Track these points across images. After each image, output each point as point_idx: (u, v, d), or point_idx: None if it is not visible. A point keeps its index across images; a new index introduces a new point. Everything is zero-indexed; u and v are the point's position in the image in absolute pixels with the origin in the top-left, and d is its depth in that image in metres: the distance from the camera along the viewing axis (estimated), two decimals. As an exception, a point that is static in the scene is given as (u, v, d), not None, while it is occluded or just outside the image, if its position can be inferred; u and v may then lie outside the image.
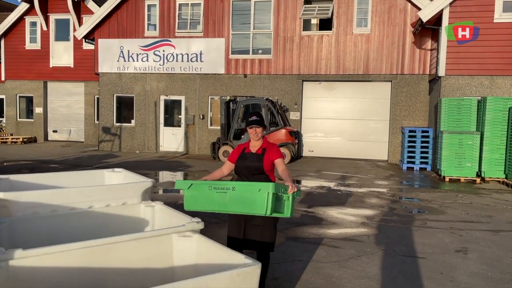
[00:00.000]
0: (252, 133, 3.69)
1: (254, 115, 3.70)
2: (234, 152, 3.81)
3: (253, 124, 3.66)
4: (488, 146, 10.42)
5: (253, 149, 3.71)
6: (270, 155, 3.66)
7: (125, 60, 15.77)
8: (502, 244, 5.40)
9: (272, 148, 3.71)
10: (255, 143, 3.74)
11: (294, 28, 14.43)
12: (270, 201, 3.11)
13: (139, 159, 13.53)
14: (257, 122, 3.66)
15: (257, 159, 3.64)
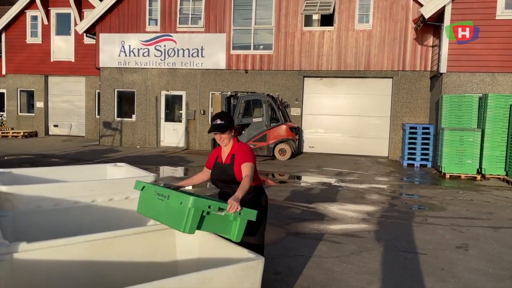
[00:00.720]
0: (217, 139, 3.28)
1: (217, 118, 3.24)
2: (210, 158, 3.49)
3: (213, 130, 3.22)
4: (489, 143, 10.43)
5: (223, 158, 3.36)
6: (239, 161, 3.24)
7: (126, 55, 15.74)
8: (503, 241, 5.42)
9: (240, 152, 3.27)
10: (225, 149, 3.36)
11: (296, 24, 14.40)
12: (190, 218, 2.65)
13: (140, 154, 13.54)
14: (219, 129, 3.20)
15: (227, 169, 3.28)
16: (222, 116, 3.26)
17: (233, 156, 3.27)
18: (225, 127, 3.21)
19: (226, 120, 3.23)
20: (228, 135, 3.24)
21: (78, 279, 3.11)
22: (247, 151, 3.28)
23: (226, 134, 3.23)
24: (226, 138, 3.24)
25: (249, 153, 3.27)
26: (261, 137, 13.22)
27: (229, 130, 3.23)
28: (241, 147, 3.32)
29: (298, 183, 9.55)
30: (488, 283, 4.06)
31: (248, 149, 3.31)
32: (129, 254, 3.37)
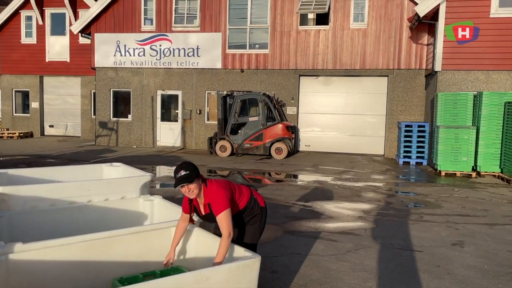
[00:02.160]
0: (185, 192, 3.02)
1: (181, 169, 2.96)
2: (185, 203, 3.26)
3: (180, 183, 2.95)
4: (483, 141, 10.48)
5: (202, 209, 3.23)
6: (215, 212, 3.06)
7: (121, 54, 15.70)
8: (498, 238, 5.46)
9: (212, 201, 3.06)
10: (198, 200, 3.19)
11: (291, 23, 14.41)
12: None
13: (136, 154, 13.51)
14: (186, 180, 2.94)
15: (212, 217, 3.11)
16: (185, 166, 2.99)
17: (209, 206, 3.10)
18: (192, 176, 2.96)
19: (190, 169, 2.98)
20: (197, 183, 3.01)
21: (75, 279, 3.11)
22: (217, 197, 3.03)
23: (195, 183, 2.99)
24: (195, 188, 3.00)
25: (220, 199, 3.02)
26: (257, 136, 13.23)
27: (196, 179, 2.99)
28: (211, 192, 3.08)
29: (294, 181, 9.57)
30: (484, 280, 4.09)
31: (217, 194, 3.04)
32: (125, 253, 3.37)
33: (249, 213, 3.38)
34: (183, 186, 2.97)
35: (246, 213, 3.37)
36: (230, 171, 10.75)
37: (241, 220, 3.38)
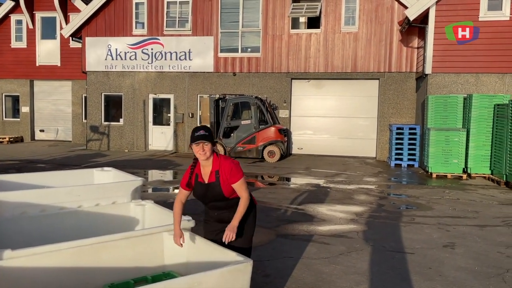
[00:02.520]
0: (199, 151, 3.05)
1: (201, 129, 3.08)
2: (185, 177, 3.25)
3: (199, 139, 3.01)
4: (474, 143, 10.58)
5: (205, 177, 3.18)
6: (226, 178, 3.12)
7: (113, 58, 15.64)
8: (488, 239, 5.51)
9: (226, 168, 3.12)
10: (206, 166, 3.16)
11: (283, 27, 14.46)
12: None
13: (128, 158, 13.44)
14: (205, 137, 3.03)
15: (213, 188, 3.15)
16: (205, 127, 3.13)
17: (217, 173, 3.13)
18: (210, 137, 3.07)
19: (210, 132, 3.11)
20: (211, 146, 3.09)
21: (65, 286, 3.07)
22: (234, 167, 3.13)
23: (211, 145, 3.07)
24: (209, 149, 3.06)
25: (237, 168, 3.14)
26: (250, 139, 13.23)
27: (212, 142, 3.08)
28: (225, 162, 3.15)
29: (287, 184, 9.58)
30: (475, 281, 4.11)
31: (233, 164, 3.16)
32: (116, 259, 3.34)
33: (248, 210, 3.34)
34: (199, 143, 3.03)
35: None
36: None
37: None
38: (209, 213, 3.38)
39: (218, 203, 3.24)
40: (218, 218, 3.33)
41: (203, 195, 3.22)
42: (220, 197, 3.17)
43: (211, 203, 3.26)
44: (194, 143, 3.05)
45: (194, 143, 3.05)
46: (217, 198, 3.18)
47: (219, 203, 3.24)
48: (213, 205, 3.28)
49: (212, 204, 3.28)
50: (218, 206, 3.27)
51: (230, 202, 3.24)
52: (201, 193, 3.22)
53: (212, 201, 3.23)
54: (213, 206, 3.29)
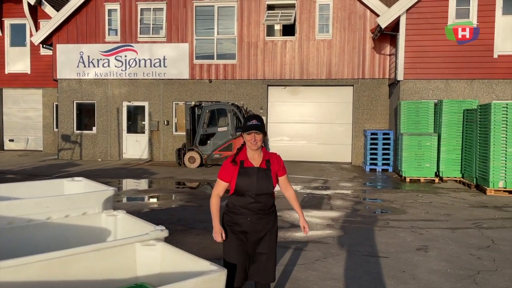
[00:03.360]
0: (251, 140, 3.01)
1: (254, 119, 3.03)
2: (228, 168, 3.08)
3: (252, 129, 2.98)
4: (445, 147, 10.86)
5: (255, 162, 3.08)
6: (276, 169, 3.13)
7: (85, 65, 15.35)
8: (460, 241, 5.63)
9: (275, 160, 3.15)
10: (255, 154, 3.08)
11: (258, 34, 14.54)
12: None
13: (101, 167, 13.16)
14: (257, 128, 2.99)
15: (264, 175, 3.04)
16: (258, 117, 3.06)
17: (268, 162, 3.09)
18: (263, 128, 3.02)
19: (262, 123, 3.05)
20: (263, 137, 3.04)
21: (32, 301, 2.95)
22: (282, 161, 3.20)
23: (262, 135, 3.02)
24: (260, 140, 3.02)
25: (283, 164, 3.21)
26: (226, 146, 13.18)
27: (263, 133, 3.03)
28: (273, 154, 3.19)
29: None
30: (447, 283, 4.18)
31: (281, 159, 3.22)
32: (87, 272, 3.24)
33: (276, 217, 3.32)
34: (251, 133, 2.99)
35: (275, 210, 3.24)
36: (199, 182, 10.63)
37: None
38: (240, 219, 3.08)
39: (261, 197, 3.03)
40: (251, 227, 3.07)
41: (249, 183, 3.01)
42: (267, 187, 3.03)
43: (255, 196, 3.02)
44: (246, 132, 3.00)
45: (246, 132, 3.01)
46: (263, 187, 3.02)
47: (262, 197, 3.04)
48: (255, 199, 3.03)
49: (255, 197, 3.03)
50: (259, 203, 3.04)
51: (269, 203, 3.11)
52: (248, 180, 3.01)
53: (257, 191, 3.02)
54: (253, 202, 3.03)
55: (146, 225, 3.78)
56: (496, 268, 4.62)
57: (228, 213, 3.14)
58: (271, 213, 3.14)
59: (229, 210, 3.13)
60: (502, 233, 6.03)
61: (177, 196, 8.71)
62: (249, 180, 3.00)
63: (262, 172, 3.03)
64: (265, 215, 3.09)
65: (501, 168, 9.08)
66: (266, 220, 3.10)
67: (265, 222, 3.09)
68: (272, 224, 3.14)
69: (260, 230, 3.08)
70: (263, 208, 3.07)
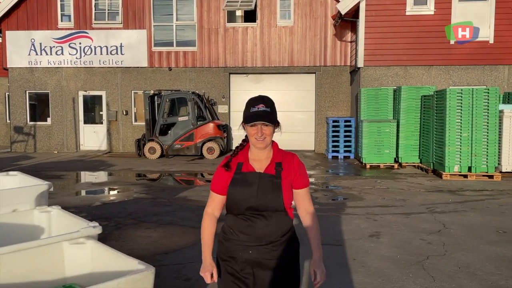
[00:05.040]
0: (256, 135, 1.98)
1: (261, 103, 1.99)
2: (220, 174, 2.09)
3: (257, 119, 1.95)
4: (403, 133, 10.98)
5: (259, 165, 2.05)
6: (290, 177, 2.04)
7: (37, 53, 14.57)
8: (412, 226, 5.65)
9: (291, 163, 2.07)
10: (261, 155, 2.06)
11: (219, 20, 14.20)
12: None
13: (57, 160, 12.60)
14: (265, 116, 1.96)
15: (270, 185, 2.00)
16: (268, 100, 2.01)
17: (280, 166, 2.04)
18: (274, 117, 2.00)
19: (273, 108, 2.02)
20: (273, 130, 2.02)
21: None
22: (303, 166, 2.11)
23: (272, 128, 2.00)
24: (270, 134, 2.00)
25: (305, 170, 2.12)
26: (188, 136, 12.89)
27: (275, 124, 2.01)
28: (289, 155, 2.11)
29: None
30: (396, 270, 4.15)
31: (303, 164, 2.13)
32: (10, 275, 2.97)
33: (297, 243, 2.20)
34: (257, 124, 1.96)
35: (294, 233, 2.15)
36: (160, 173, 10.33)
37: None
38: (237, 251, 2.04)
39: (266, 216, 1.98)
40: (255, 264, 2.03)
41: (246, 195, 1.98)
42: (274, 201, 1.97)
43: (256, 214, 1.99)
44: (249, 123, 1.97)
45: (249, 124, 1.98)
46: (267, 201, 1.97)
47: (268, 217, 1.99)
48: (256, 218, 1.99)
49: (256, 217, 1.99)
50: (263, 226, 1.98)
51: (281, 226, 2.01)
52: (244, 190, 1.99)
53: (259, 206, 1.98)
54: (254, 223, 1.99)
55: (80, 222, 3.54)
56: (445, 252, 4.64)
57: (223, 242, 2.10)
58: (287, 242, 2.06)
59: (224, 237, 2.10)
60: (453, 217, 6.11)
61: (133, 189, 8.41)
62: (246, 190, 1.99)
63: (267, 180, 2.00)
64: (277, 246, 2.02)
65: (456, 153, 9.26)
66: (278, 254, 2.02)
67: (276, 257, 2.01)
68: (288, 262, 2.06)
69: (268, 268, 2.02)
70: (270, 233, 2.00)
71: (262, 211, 1.99)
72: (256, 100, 2.01)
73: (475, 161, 9.21)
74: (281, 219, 2.02)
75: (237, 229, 2.04)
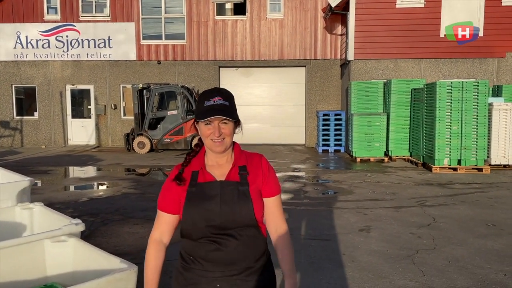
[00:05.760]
0: (212, 135, 1.59)
1: (217, 95, 1.59)
2: (169, 188, 1.66)
3: (213, 114, 1.56)
4: (394, 126, 10.98)
5: (219, 172, 1.65)
6: (259, 182, 1.65)
7: (23, 46, 14.29)
8: (402, 220, 5.63)
9: (259, 165, 1.69)
10: (220, 159, 1.66)
11: (208, 13, 14.03)
12: None
13: (44, 155, 12.40)
14: (223, 109, 1.57)
15: (236, 194, 1.60)
16: (225, 92, 1.63)
17: (244, 169, 1.65)
18: (233, 110, 1.61)
19: (231, 100, 1.63)
20: (233, 127, 1.63)
21: None
22: (272, 169, 1.72)
23: (232, 125, 1.61)
24: (230, 133, 1.60)
25: (274, 173, 1.72)
26: (177, 130, 12.75)
27: (235, 119, 1.62)
28: (256, 156, 1.71)
29: None
30: (386, 264, 4.12)
31: (270, 165, 1.73)
32: (-12, 274, 2.87)
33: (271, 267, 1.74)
34: (212, 121, 1.57)
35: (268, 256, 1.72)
36: (149, 168, 10.21)
37: None
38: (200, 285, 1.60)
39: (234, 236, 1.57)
40: None
41: (210, 209, 1.57)
42: (243, 214, 1.57)
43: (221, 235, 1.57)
44: (203, 120, 1.58)
45: (202, 120, 1.58)
46: (235, 216, 1.56)
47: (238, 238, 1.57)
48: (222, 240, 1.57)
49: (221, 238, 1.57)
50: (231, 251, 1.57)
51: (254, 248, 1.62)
52: (204, 205, 1.58)
53: (223, 224, 1.56)
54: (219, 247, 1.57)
55: (63, 219, 3.43)
56: (435, 246, 4.62)
57: (182, 272, 1.65)
58: (262, 270, 1.64)
59: (183, 265, 1.65)
60: (443, 211, 6.10)
61: (121, 184, 8.28)
62: (206, 205, 1.57)
63: (231, 188, 1.60)
64: (251, 275, 1.60)
65: (446, 146, 9.27)
66: (253, 286, 1.60)
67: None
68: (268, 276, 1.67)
69: None
70: (243, 257, 1.59)
71: (230, 229, 1.56)
72: (212, 92, 1.62)
73: (465, 154, 9.24)
74: (254, 237, 1.61)
75: (199, 255, 1.59)
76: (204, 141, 1.64)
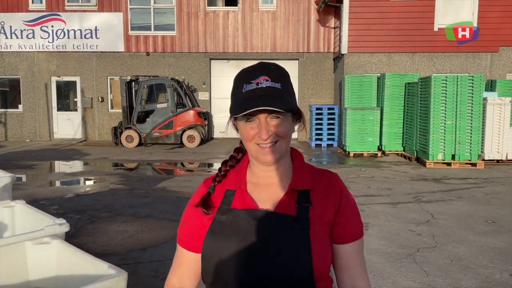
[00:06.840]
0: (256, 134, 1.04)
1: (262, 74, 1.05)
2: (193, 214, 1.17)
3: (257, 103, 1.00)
4: (387, 121, 10.85)
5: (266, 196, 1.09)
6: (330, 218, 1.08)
7: (6, 37, 13.82)
8: (400, 216, 5.49)
9: (333, 191, 1.10)
10: (270, 175, 1.11)
11: (198, 3, 13.72)
12: None
13: (28, 149, 12.03)
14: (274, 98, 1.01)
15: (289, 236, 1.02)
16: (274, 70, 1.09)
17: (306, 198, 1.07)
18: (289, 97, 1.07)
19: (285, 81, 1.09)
20: (291, 123, 1.09)
21: None
22: (352, 197, 1.15)
23: (287, 119, 1.07)
24: (285, 135, 1.06)
25: (355, 203, 1.16)
26: (167, 124, 12.48)
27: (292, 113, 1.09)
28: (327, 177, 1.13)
29: (206, 171, 9.09)
30: (387, 264, 3.96)
31: (346, 189, 1.15)
32: (-37, 280, 2.63)
33: None
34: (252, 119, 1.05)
35: None
36: (138, 163, 9.94)
37: None
38: None
39: None
40: None
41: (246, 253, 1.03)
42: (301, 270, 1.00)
43: None
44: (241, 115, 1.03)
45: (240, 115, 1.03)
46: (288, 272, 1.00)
47: None
48: None
49: None
50: None
51: None
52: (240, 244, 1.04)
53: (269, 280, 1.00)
54: None
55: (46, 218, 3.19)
56: (436, 244, 4.48)
57: None
58: None
59: None
60: (440, 207, 5.98)
61: (109, 179, 8.01)
62: (241, 246, 1.04)
63: (283, 226, 1.04)
64: None
65: (440, 141, 9.17)
66: None
67: None
68: None
69: None
70: None
71: (267, 282, 1.01)
72: (254, 70, 1.07)
73: (459, 149, 9.15)
74: None
75: None
76: (246, 146, 1.09)
